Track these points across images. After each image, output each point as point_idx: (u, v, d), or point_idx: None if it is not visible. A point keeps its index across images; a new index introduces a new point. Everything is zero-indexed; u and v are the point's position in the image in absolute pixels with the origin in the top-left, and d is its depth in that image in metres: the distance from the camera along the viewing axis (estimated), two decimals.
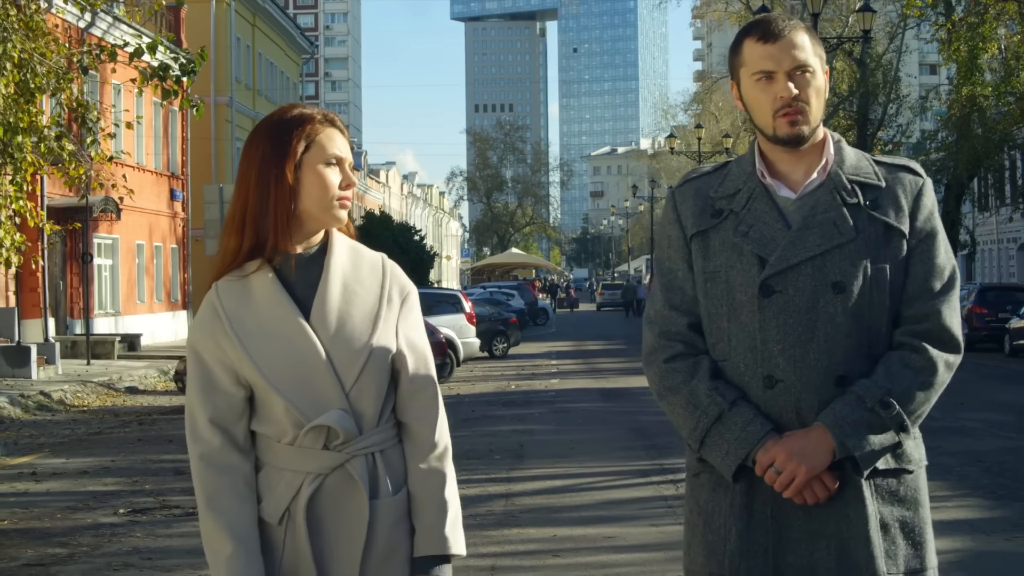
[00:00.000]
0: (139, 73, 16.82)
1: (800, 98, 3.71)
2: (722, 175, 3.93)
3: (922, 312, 3.72)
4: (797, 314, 3.67)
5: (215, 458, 3.64)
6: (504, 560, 9.96)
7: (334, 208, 3.71)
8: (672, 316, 3.86)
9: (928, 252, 3.76)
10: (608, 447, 16.92)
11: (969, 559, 9.77)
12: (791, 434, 3.65)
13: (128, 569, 9.95)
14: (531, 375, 32.59)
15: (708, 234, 3.83)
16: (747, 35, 3.81)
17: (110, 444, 18.82)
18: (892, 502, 3.68)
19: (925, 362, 3.68)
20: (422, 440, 3.74)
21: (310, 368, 3.63)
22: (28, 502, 13.41)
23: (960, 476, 14.02)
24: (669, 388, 3.82)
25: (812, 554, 3.65)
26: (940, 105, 58.52)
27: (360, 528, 3.63)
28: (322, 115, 3.77)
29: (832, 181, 3.78)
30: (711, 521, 3.76)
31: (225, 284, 3.70)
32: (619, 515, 11.85)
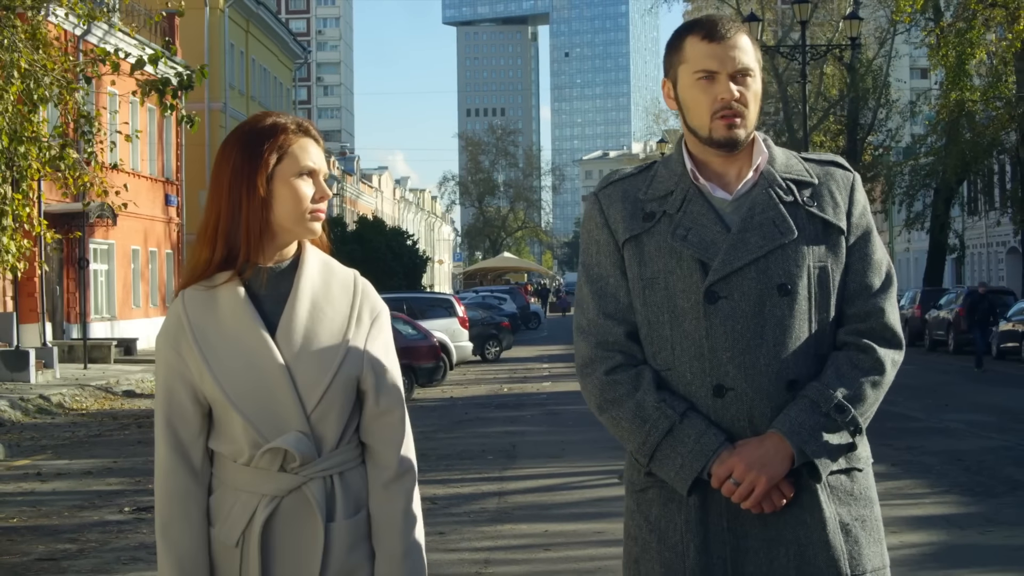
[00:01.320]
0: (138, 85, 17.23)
1: (740, 101, 3.65)
2: (648, 176, 3.82)
3: (864, 310, 3.69)
4: (744, 320, 3.60)
5: (168, 481, 3.58)
6: (497, 554, 10.36)
7: (307, 221, 3.63)
8: (608, 325, 3.73)
9: (866, 248, 3.73)
10: (598, 447, 17.30)
11: (943, 552, 10.19)
12: (746, 443, 3.57)
13: (136, 563, 10.35)
14: (523, 378, 33.01)
15: (642, 238, 3.71)
16: (690, 32, 3.74)
17: (111, 446, 19.20)
18: (848, 502, 3.65)
19: (873, 362, 3.65)
20: (385, 463, 3.66)
21: (271, 387, 3.54)
22: (35, 501, 13.81)
23: (940, 474, 14.43)
24: (611, 401, 3.69)
25: (771, 562, 3.59)
26: (929, 109, 58.93)
27: (315, 552, 3.56)
28: (296, 124, 3.68)
29: (766, 180, 3.72)
30: (666, 538, 3.66)
31: (192, 293, 3.62)
32: (608, 511, 12.23)
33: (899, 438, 17.57)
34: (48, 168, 17.16)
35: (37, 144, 16.42)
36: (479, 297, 58.55)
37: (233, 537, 3.55)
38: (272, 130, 3.62)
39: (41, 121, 16.81)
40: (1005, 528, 11.19)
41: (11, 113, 15.61)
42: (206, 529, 3.57)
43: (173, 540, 3.54)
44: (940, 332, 44.11)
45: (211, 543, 3.58)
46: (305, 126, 3.68)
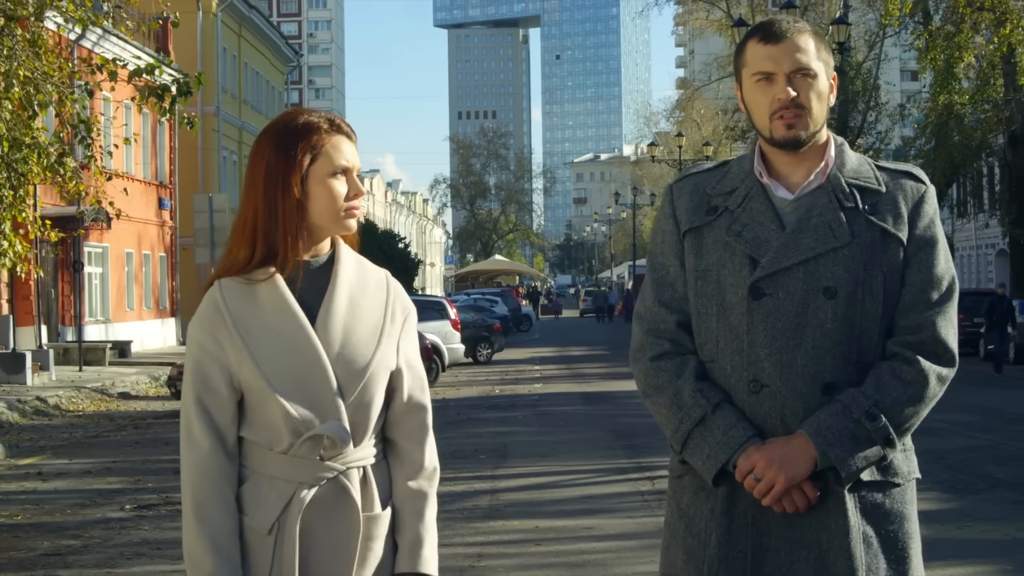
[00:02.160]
0: (138, 92, 17.56)
1: (798, 101, 3.67)
2: (721, 172, 3.89)
3: (917, 323, 3.68)
4: (786, 318, 3.63)
5: (207, 465, 3.58)
6: (490, 548, 10.67)
7: (342, 219, 3.68)
8: (661, 313, 3.82)
9: (926, 261, 3.71)
10: (589, 447, 17.63)
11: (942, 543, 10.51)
12: (773, 441, 3.61)
13: (140, 558, 10.67)
14: (515, 380, 33.27)
15: (702, 231, 3.78)
16: (752, 36, 3.79)
17: (109, 446, 19.50)
18: (877, 515, 3.64)
19: (916, 374, 3.63)
20: (412, 459, 3.73)
21: (313, 375, 3.57)
22: (38, 499, 14.11)
23: (922, 471, 14.69)
24: (654, 387, 3.79)
25: (791, 564, 3.63)
26: (918, 112, 59.19)
27: (353, 540, 3.61)
28: (328, 122, 3.71)
29: (831, 184, 3.74)
30: (692, 525, 3.73)
31: (230, 283, 3.64)
32: (598, 508, 12.58)
33: None
34: (47, 173, 17.47)
35: (37, 150, 16.74)
36: (471, 300, 58.78)
37: (266, 525, 3.57)
38: (305, 129, 3.65)
39: (40, 128, 17.12)
40: (982, 523, 11.54)
41: (11, 120, 15.92)
42: (237, 514, 3.58)
43: (208, 521, 3.52)
44: None
45: (242, 531, 3.58)
46: (337, 123, 3.71)
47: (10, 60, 15.86)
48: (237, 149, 59.21)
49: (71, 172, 17.44)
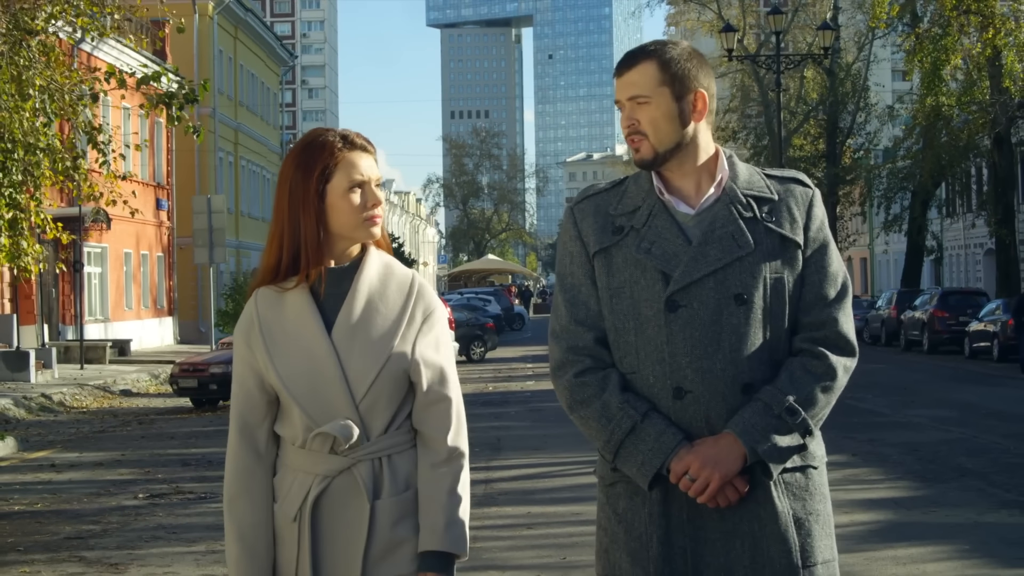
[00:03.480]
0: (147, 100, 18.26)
1: (636, 128, 3.89)
2: (620, 192, 4.02)
3: (819, 319, 3.88)
4: (703, 327, 3.80)
5: (235, 461, 3.96)
6: (484, 532, 11.36)
7: (364, 227, 3.94)
8: (578, 331, 3.95)
9: (822, 261, 3.91)
10: (579, 440, 18.24)
11: (887, 528, 11.24)
12: (702, 442, 3.77)
13: (157, 541, 11.39)
14: (508, 377, 33.99)
15: (611, 251, 3.92)
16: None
17: (116, 441, 20.22)
18: (803, 497, 3.85)
19: (826, 368, 3.84)
20: (435, 447, 3.92)
21: (323, 378, 3.85)
22: (55, 489, 14.83)
23: (895, 463, 15.47)
24: (580, 401, 3.91)
25: (728, 553, 3.80)
26: (907, 113, 59.71)
27: (360, 527, 3.85)
28: (342, 139, 3.94)
29: (728, 196, 3.90)
30: (632, 529, 3.87)
31: (265, 292, 3.97)
32: (586, 496, 13.24)
33: (862, 432, 18.62)
34: (60, 177, 18.18)
35: (51, 155, 17.44)
36: (464, 299, 59.21)
37: (291, 513, 3.88)
38: (320, 149, 3.92)
39: (55, 134, 17.83)
40: (947, 509, 12.24)
41: (27, 127, 16.63)
42: (268, 505, 3.92)
43: (236, 514, 3.92)
44: (915, 332, 44.96)
45: (275, 518, 3.93)
46: (351, 139, 3.96)
47: (26, 69, 16.56)
48: (233, 151, 59.83)
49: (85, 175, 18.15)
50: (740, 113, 70.86)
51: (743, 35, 63.76)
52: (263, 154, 67.49)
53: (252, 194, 64.52)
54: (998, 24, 38.32)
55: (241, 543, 3.90)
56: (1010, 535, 11.02)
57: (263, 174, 67.60)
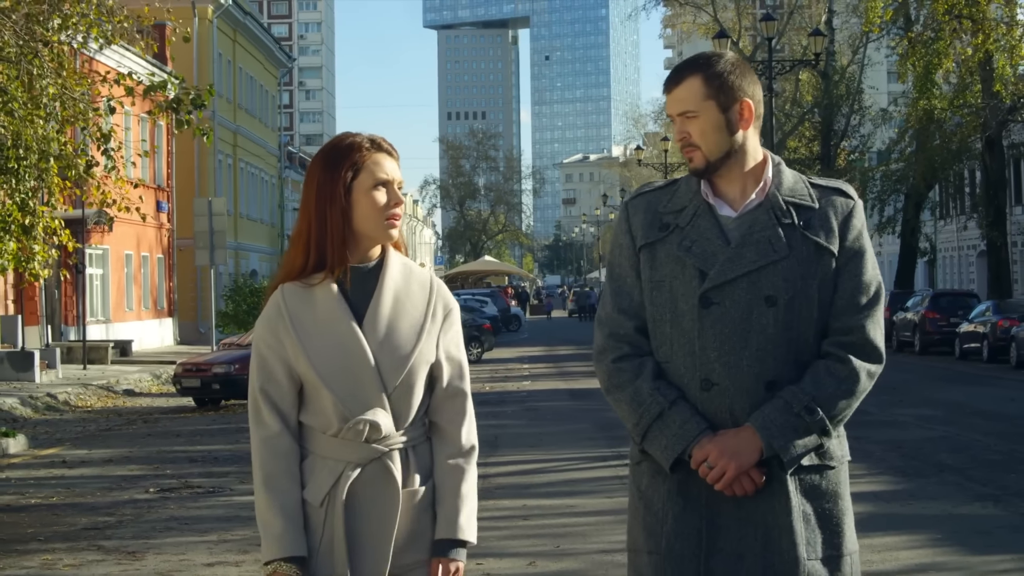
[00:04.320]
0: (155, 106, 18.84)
1: (688, 140, 4.13)
2: (671, 191, 4.24)
3: (848, 325, 4.06)
4: (732, 324, 4.01)
5: (274, 442, 4.07)
6: (482, 523, 11.72)
7: (384, 226, 4.12)
8: (620, 319, 4.19)
9: (856, 269, 4.09)
10: (574, 438, 18.86)
11: (865, 519, 11.69)
12: (724, 433, 3.99)
13: (171, 531, 11.96)
14: (504, 377, 34.32)
15: (655, 246, 4.14)
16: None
17: (123, 438, 20.78)
18: (814, 495, 4.03)
19: (849, 372, 4.01)
20: (451, 439, 4.15)
21: (358, 369, 4.04)
22: (68, 483, 15.40)
23: (878, 459, 16.02)
24: (616, 385, 4.16)
25: (740, 540, 4.00)
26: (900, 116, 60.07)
27: (392, 513, 4.05)
28: (369, 141, 4.16)
29: (769, 202, 4.11)
30: (651, 505, 4.11)
31: (290, 287, 4.13)
32: (580, 490, 13.87)
33: (850, 430, 18.57)
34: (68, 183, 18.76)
35: (63, 162, 18.02)
36: (461, 300, 59.45)
37: (319, 498, 4.04)
38: (348, 149, 4.12)
39: (67, 141, 18.40)
40: (924, 501, 12.81)
41: (40, 134, 17.19)
42: (300, 485, 4.08)
43: (277, 490, 4.03)
44: (907, 333, 45.30)
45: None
46: (378, 142, 4.18)
47: (40, 79, 17.12)
48: (232, 152, 60.32)
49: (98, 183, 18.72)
50: None
51: (738, 38, 64.24)
52: (262, 156, 68.01)
53: (251, 196, 65.00)
54: (987, 30, 38.74)
55: (285, 517, 4.02)
56: (981, 525, 11.60)
57: (261, 176, 68.12)
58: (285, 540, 4.01)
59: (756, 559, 3.99)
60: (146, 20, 19.57)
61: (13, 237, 17.65)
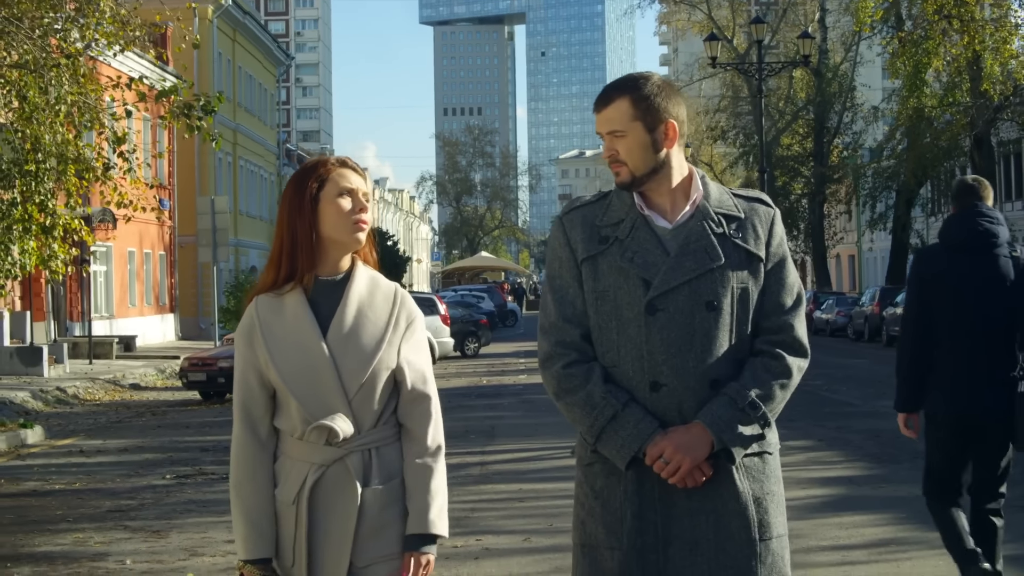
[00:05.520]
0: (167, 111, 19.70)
1: (615, 157, 4.37)
2: (604, 205, 4.45)
3: (777, 324, 4.37)
4: (677, 329, 4.25)
5: (241, 450, 4.39)
6: (480, 505, 12.76)
7: (351, 230, 4.39)
8: (566, 327, 4.39)
9: (781, 274, 4.40)
10: (568, 428, 19.27)
11: (838, 501, 12.65)
12: (675, 430, 4.23)
13: (190, 513, 12.83)
14: (501, 371, 35.05)
15: (597, 259, 4.34)
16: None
17: (134, 430, 21.65)
18: (760, 479, 4.33)
19: (783, 368, 4.33)
20: (418, 440, 4.41)
21: (319, 376, 4.30)
22: (88, 470, 16.27)
23: (856, 447, 16.86)
24: (567, 390, 4.34)
25: (694, 528, 4.26)
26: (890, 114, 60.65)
27: (351, 511, 4.31)
28: (336, 159, 4.45)
29: (701, 213, 4.35)
30: (608, 504, 4.33)
31: (264, 299, 4.42)
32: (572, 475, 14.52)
33: (832, 420, 20.00)
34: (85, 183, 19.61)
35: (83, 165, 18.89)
36: (458, 296, 59.71)
37: (290, 497, 4.35)
38: (315, 165, 4.44)
39: (85, 145, 19.27)
40: (895, 485, 13.61)
41: (60, 140, 18.05)
42: (271, 488, 4.37)
43: (242, 496, 4.37)
44: (896, 328, 45.81)
45: (276, 501, 4.39)
46: (343, 160, 4.48)
47: (58, 87, 17.96)
48: (232, 151, 61.03)
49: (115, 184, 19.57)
50: (729, 112, 71.92)
51: (732, 35, 64.94)
52: (261, 154, 68.79)
53: (250, 193, 65.76)
54: (972, 32, 39.33)
55: (248, 522, 4.35)
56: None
57: (260, 174, 68.90)
58: (249, 543, 4.34)
59: (710, 544, 4.25)
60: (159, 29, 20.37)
61: (33, 236, 18.49)
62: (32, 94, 17.69)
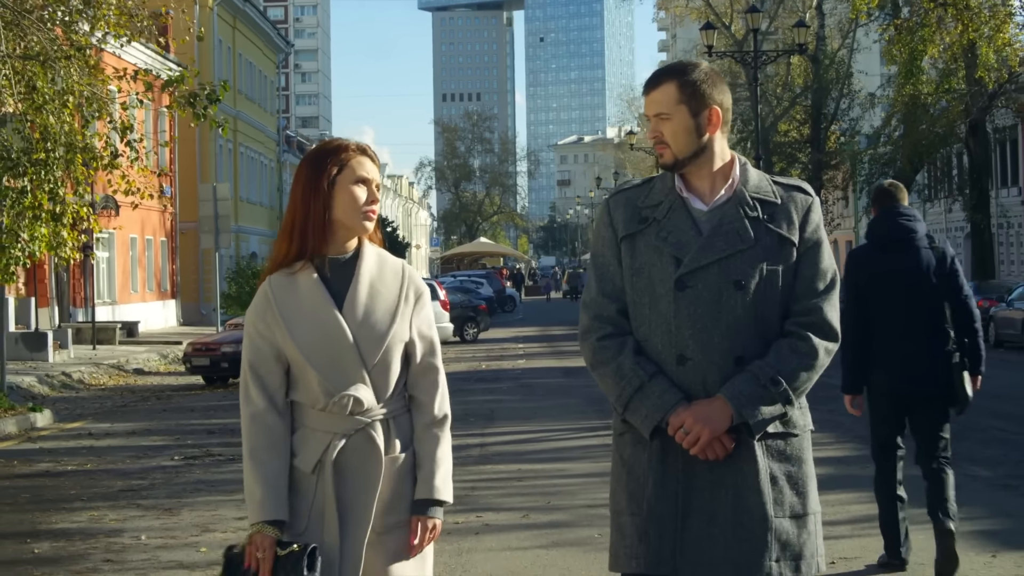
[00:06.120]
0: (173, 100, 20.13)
1: (659, 139, 4.54)
2: (648, 188, 4.63)
3: (807, 307, 4.49)
4: (705, 305, 4.40)
5: (260, 418, 4.46)
6: (480, 484, 13.18)
7: (361, 219, 4.53)
8: (604, 302, 4.57)
9: (814, 258, 4.52)
10: (566, 412, 20.05)
11: (825, 479, 12.69)
12: (698, 402, 4.37)
13: (200, 492, 13.26)
14: (500, 356, 35.49)
15: (635, 237, 4.53)
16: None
17: (140, 413, 22.08)
18: (780, 459, 4.44)
19: (809, 348, 4.43)
20: (427, 410, 4.57)
21: (340, 349, 4.43)
22: (98, 452, 16.70)
23: (847, 429, 17.21)
24: (601, 361, 4.54)
25: (713, 501, 4.38)
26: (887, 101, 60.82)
27: (376, 478, 4.45)
28: (355, 146, 4.57)
29: (737, 197, 4.50)
30: (633, 471, 4.50)
31: (276, 278, 4.52)
32: (570, 456, 15.14)
33: (826, 404, 20.20)
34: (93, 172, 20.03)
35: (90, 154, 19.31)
36: (457, 281, 59.96)
37: (310, 465, 4.46)
38: (335, 150, 4.56)
39: (94, 135, 19.69)
40: None
41: (68, 130, 18.47)
42: (288, 457, 4.48)
43: (260, 462, 4.45)
44: None
45: (292, 471, 4.49)
46: (363, 147, 4.60)
47: (67, 78, 18.38)
48: (232, 138, 61.21)
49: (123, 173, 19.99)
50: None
51: (731, 21, 65.08)
52: (261, 141, 69.15)
53: (250, 180, 66.11)
54: (965, 20, 39.62)
55: (266, 486, 4.42)
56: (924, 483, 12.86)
57: (261, 160, 69.24)
58: (266, 506, 4.40)
59: (727, 517, 4.37)
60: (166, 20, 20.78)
61: (43, 223, 18.90)
62: (41, 84, 18.09)
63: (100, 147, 19.80)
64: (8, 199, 18.50)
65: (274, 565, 4.38)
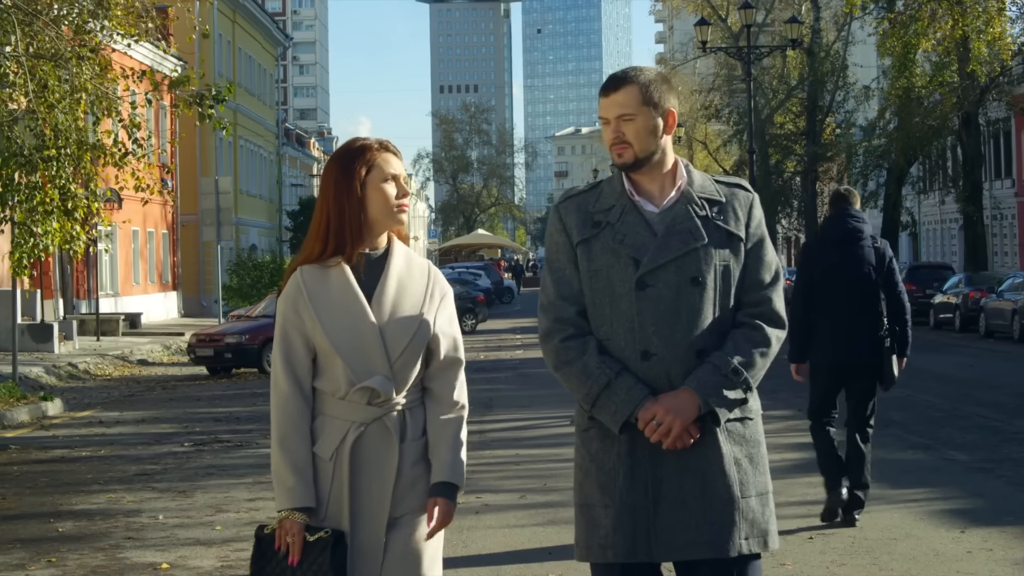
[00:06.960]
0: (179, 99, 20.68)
1: (621, 139, 4.67)
2: (596, 193, 4.77)
3: (757, 299, 4.71)
4: (665, 303, 4.58)
5: (289, 405, 4.58)
6: (480, 467, 13.67)
7: (395, 214, 4.68)
8: (563, 305, 4.71)
9: (760, 252, 4.73)
10: (563, 400, 20.37)
11: (808, 463, 13.39)
12: (665, 395, 4.56)
13: (211, 476, 13.86)
14: (498, 347, 36.00)
15: (591, 241, 4.66)
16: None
17: (148, 403, 22.67)
18: (741, 442, 4.67)
19: (762, 338, 4.66)
20: (446, 400, 4.69)
21: (367, 340, 4.56)
22: (110, 440, 17.30)
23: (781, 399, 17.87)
24: (564, 362, 4.68)
25: (682, 487, 4.59)
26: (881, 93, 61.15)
27: (391, 466, 4.59)
28: (378, 143, 4.70)
29: (686, 197, 4.68)
30: (603, 465, 4.65)
31: (308, 268, 4.63)
32: (566, 442, 15.44)
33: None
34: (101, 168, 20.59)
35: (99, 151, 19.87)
36: (455, 273, 60.33)
37: (328, 453, 4.59)
38: (361, 150, 4.68)
39: (104, 132, 20.25)
40: None
41: (78, 127, 19.03)
42: (311, 444, 4.62)
43: (289, 449, 4.57)
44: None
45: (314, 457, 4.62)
46: (385, 144, 4.73)
47: (78, 76, 18.93)
48: (232, 131, 61.55)
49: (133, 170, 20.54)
50: (724, 91, 72.45)
51: (727, 14, 65.49)
52: (261, 134, 69.58)
53: (250, 173, 66.51)
54: (956, 15, 40.04)
55: (296, 472, 4.56)
56: (907, 467, 13.48)
57: (260, 153, 69.68)
58: (296, 493, 4.54)
59: (697, 502, 4.59)
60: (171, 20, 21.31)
61: (55, 218, 19.43)
62: (52, 82, 18.61)
63: (109, 144, 20.32)
64: (21, 195, 19.06)
65: (303, 549, 4.53)
